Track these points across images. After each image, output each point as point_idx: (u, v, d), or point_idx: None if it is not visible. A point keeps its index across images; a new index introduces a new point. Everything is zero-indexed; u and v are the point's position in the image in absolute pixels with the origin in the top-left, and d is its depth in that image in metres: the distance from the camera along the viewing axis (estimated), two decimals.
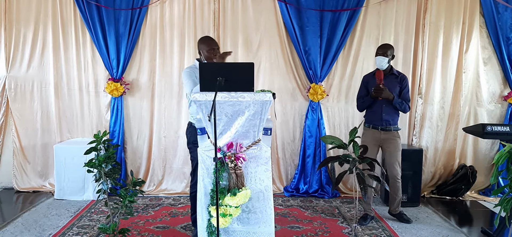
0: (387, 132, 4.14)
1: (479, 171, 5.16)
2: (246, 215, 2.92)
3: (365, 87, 4.25)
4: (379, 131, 4.14)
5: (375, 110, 4.14)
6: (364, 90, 4.26)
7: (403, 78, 4.19)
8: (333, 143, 3.92)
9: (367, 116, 4.25)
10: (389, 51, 4.08)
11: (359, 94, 4.31)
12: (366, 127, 4.24)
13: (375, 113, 4.14)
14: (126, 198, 3.14)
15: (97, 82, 5.08)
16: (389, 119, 4.12)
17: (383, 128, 4.13)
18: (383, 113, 4.10)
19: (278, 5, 4.97)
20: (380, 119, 4.12)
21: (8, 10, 4.96)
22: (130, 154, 5.18)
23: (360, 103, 4.29)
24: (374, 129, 4.16)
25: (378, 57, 4.07)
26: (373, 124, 4.17)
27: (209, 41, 3.63)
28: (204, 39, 3.68)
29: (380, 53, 4.07)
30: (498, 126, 3.93)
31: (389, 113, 4.12)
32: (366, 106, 4.25)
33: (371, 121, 4.19)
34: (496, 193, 3.53)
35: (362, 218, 4.23)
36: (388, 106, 4.10)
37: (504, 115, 5.24)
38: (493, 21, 5.03)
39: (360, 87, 4.33)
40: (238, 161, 2.81)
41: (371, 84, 4.16)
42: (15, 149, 5.14)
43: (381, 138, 4.15)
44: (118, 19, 4.91)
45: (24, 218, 4.24)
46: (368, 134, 4.20)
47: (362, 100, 4.25)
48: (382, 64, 4.06)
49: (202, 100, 2.74)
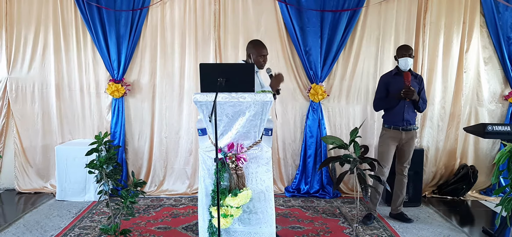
0: (408, 132, 4.14)
1: (480, 171, 5.16)
2: (247, 216, 2.93)
3: (385, 87, 4.19)
4: (400, 131, 4.12)
5: (397, 111, 4.11)
6: (384, 90, 4.20)
7: (421, 79, 4.22)
8: (334, 143, 3.93)
9: (388, 116, 4.21)
10: (412, 52, 4.11)
11: (379, 95, 4.24)
12: (386, 128, 4.20)
13: (397, 113, 4.11)
14: (127, 199, 3.15)
15: (98, 83, 5.09)
16: (410, 119, 4.12)
17: (404, 128, 4.12)
18: (405, 113, 4.09)
19: (278, 5, 4.98)
20: (402, 119, 4.10)
21: (9, 11, 4.97)
22: (131, 155, 5.19)
23: (380, 104, 4.24)
24: (395, 129, 4.14)
25: (404, 58, 4.04)
26: (394, 125, 4.14)
27: (259, 47, 3.58)
28: (254, 44, 3.63)
29: (406, 54, 4.03)
30: (499, 126, 3.93)
31: (410, 113, 4.12)
32: (385, 107, 4.22)
33: (393, 121, 4.15)
34: (497, 192, 3.53)
35: (366, 217, 4.23)
36: (410, 106, 4.11)
37: (505, 115, 5.23)
38: (493, 20, 5.03)
39: (379, 87, 4.27)
40: (239, 161, 2.81)
41: (393, 84, 4.13)
42: (17, 150, 5.15)
43: (402, 138, 4.14)
44: (118, 20, 4.92)
45: (26, 219, 4.25)
46: (388, 134, 4.17)
47: (383, 101, 4.20)
48: (408, 65, 4.04)
49: (202, 100, 2.74)
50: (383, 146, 4.18)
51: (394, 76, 4.17)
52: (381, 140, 4.24)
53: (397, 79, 4.09)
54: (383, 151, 4.17)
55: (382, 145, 4.20)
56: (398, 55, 4.12)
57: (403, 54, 4.06)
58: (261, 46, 3.60)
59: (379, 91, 4.28)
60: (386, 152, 4.14)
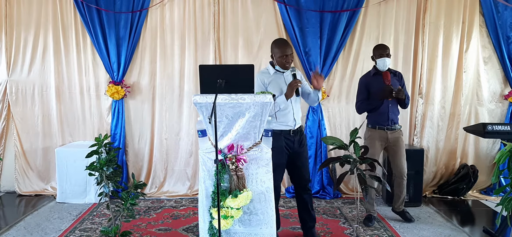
0: (393, 131, 4.12)
1: (481, 171, 5.16)
2: (248, 217, 2.93)
3: (366, 89, 4.14)
4: (385, 131, 4.10)
5: (381, 111, 4.07)
6: (365, 92, 4.15)
7: (401, 75, 4.22)
8: (334, 144, 3.92)
9: (372, 117, 4.16)
10: (389, 51, 4.08)
11: (360, 97, 4.17)
12: (371, 128, 4.16)
13: (382, 113, 4.08)
14: (127, 200, 3.15)
15: (98, 85, 5.10)
16: (394, 118, 4.11)
17: (389, 128, 4.10)
18: (390, 112, 4.08)
19: (278, 6, 4.98)
20: (387, 119, 4.08)
21: (9, 14, 4.98)
22: (132, 157, 5.19)
23: (363, 106, 4.17)
24: (380, 129, 4.11)
25: (382, 59, 4.01)
26: (380, 125, 4.10)
27: (282, 47, 3.36)
28: (277, 43, 3.42)
29: (384, 54, 4.01)
30: (499, 125, 3.93)
31: (395, 112, 4.12)
32: (368, 109, 4.16)
33: (377, 122, 4.11)
34: (498, 192, 3.53)
35: (367, 219, 4.19)
36: (394, 105, 4.10)
37: (505, 114, 5.23)
38: (493, 20, 5.03)
39: (359, 89, 4.21)
40: (239, 163, 2.81)
41: (373, 85, 4.09)
42: (17, 153, 5.15)
43: (388, 137, 4.11)
44: (118, 22, 4.93)
45: (27, 221, 4.25)
46: (374, 135, 4.13)
47: (366, 103, 4.13)
48: (386, 65, 4.03)
49: (202, 102, 2.74)
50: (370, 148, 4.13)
51: (373, 76, 4.13)
52: (367, 142, 4.16)
53: (377, 78, 4.05)
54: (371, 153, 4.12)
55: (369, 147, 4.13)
56: (375, 55, 4.08)
57: (381, 54, 4.03)
58: (284, 46, 3.37)
59: (360, 93, 4.19)
60: (373, 154, 4.00)
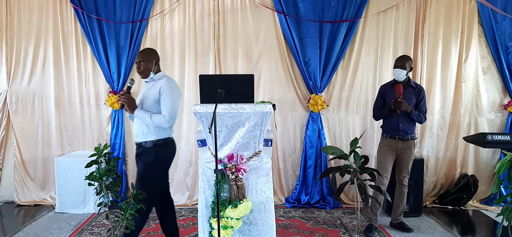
0: (404, 142, 4.13)
1: (481, 180, 5.14)
2: (248, 227, 2.91)
3: (382, 97, 4.25)
4: (397, 140, 4.13)
5: (392, 120, 4.14)
6: (380, 100, 4.26)
7: (420, 90, 4.18)
8: (334, 154, 3.93)
9: (384, 125, 4.26)
10: (407, 63, 4.08)
11: (376, 104, 4.31)
12: (384, 137, 4.25)
13: (392, 123, 4.14)
14: (127, 211, 3.13)
15: (98, 95, 5.10)
16: (405, 129, 4.12)
17: (400, 138, 4.12)
18: (399, 123, 4.10)
19: (277, 17, 5.00)
20: (397, 129, 4.11)
21: (9, 24, 5.00)
22: (131, 167, 5.17)
23: (377, 113, 4.31)
24: (391, 138, 4.15)
25: (396, 69, 4.07)
26: (391, 134, 4.16)
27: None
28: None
29: (398, 65, 4.07)
30: (498, 135, 3.93)
31: (405, 123, 4.12)
32: (382, 116, 4.26)
33: (389, 130, 4.19)
34: (498, 202, 3.52)
35: (367, 229, 4.18)
36: (404, 117, 4.10)
37: (505, 124, 5.23)
38: (491, 30, 5.06)
39: (377, 97, 4.34)
40: (239, 172, 2.81)
41: (388, 95, 4.16)
42: (16, 162, 5.14)
43: (398, 147, 4.14)
44: (118, 32, 4.95)
45: (25, 231, 4.23)
46: (385, 143, 4.21)
47: (380, 111, 4.26)
48: (400, 76, 4.07)
49: (202, 112, 2.75)
50: (380, 155, 4.20)
51: (390, 86, 4.19)
52: (379, 149, 4.27)
53: (393, 89, 4.11)
54: (380, 160, 4.17)
55: (380, 154, 4.22)
56: (393, 66, 4.17)
57: (395, 64, 4.12)
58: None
59: (376, 100, 4.34)
60: (383, 160, 4.14)
